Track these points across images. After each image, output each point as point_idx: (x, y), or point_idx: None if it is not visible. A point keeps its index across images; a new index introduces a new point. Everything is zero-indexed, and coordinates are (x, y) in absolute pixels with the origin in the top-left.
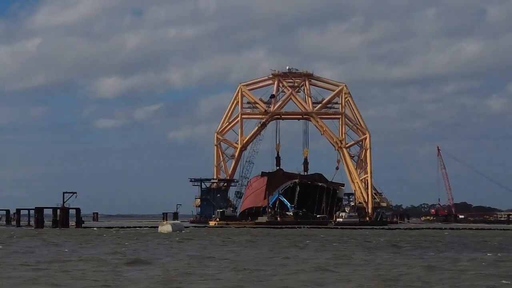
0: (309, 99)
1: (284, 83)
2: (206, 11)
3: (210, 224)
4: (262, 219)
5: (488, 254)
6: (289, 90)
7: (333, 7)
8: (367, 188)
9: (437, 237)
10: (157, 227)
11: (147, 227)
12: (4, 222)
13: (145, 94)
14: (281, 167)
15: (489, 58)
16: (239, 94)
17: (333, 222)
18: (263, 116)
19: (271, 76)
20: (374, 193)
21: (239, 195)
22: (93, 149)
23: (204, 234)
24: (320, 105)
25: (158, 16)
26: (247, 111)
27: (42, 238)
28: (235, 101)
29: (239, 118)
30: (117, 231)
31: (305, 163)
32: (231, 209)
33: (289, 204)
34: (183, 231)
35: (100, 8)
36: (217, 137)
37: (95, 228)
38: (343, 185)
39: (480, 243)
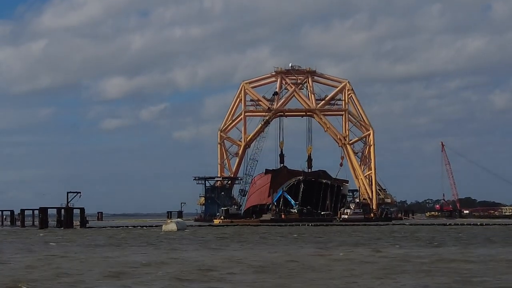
0: (312, 96)
1: (287, 80)
2: (211, 10)
3: (215, 223)
4: (267, 216)
5: None
6: (292, 87)
7: (337, 5)
8: (371, 184)
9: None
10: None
11: (151, 226)
12: (9, 223)
13: (150, 94)
14: (285, 165)
15: (493, 53)
16: (242, 91)
17: (338, 219)
18: (267, 113)
19: (274, 73)
20: (379, 189)
21: (243, 193)
22: (99, 150)
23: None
24: (323, 101)
25: (164, 17)
26: (251, 109)
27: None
28: (238, 99)
29: (242, 116)
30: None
31: (309, 160)
32: (235, 207)
33: (293, 201)
34: (186, 230)
35: (106, 9)
36: (220, 135)
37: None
38: (347, 181)
39: None
